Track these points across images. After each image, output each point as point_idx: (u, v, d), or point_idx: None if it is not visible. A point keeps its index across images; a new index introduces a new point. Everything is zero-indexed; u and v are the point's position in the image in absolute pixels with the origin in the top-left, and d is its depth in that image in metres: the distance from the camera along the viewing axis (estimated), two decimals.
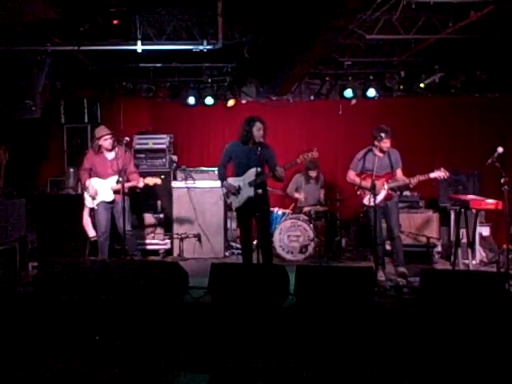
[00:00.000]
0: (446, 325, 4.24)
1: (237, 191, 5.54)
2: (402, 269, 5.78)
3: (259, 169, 5.39)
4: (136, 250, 6.48)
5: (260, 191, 5.43)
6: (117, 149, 6.13)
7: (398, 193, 6.17)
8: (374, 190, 5.53)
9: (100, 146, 6.15)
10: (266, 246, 5.60)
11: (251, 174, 5.45)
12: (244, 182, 5.53)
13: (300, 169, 7.72)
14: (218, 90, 8.49)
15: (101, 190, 6.15)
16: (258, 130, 5.42)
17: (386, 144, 5.88)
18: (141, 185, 6.11)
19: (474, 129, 8.35)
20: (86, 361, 3.90)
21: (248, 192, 5.47)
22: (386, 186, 5.87)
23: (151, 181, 6.08)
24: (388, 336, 4.19)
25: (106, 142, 6.11)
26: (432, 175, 5.72)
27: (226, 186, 5.60)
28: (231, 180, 5.61)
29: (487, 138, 7.87)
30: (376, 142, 5.91)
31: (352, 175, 6.10)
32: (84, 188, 6.26)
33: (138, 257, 6.40)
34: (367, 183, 5.77)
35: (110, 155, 6.18)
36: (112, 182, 6.04)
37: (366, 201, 5.94)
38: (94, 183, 6.18)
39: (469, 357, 3.85)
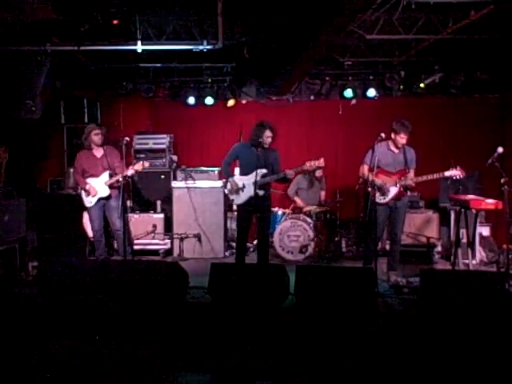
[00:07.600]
0: (446, 325, 4.24)
1: (240, 189, 5.79)
2: (394, 277, 5.76)
3: (264, 170, 5.70)
4: (129, 251, 6.41)
5: (262, 192, 5.71)
6: (105, 147, 6.33)
7: (409, 193, 6.04)
8: (375, 186, 5.51)
9: (90, 143, 6.35)
10: (262, 248, 5.90)
11: (257, 174, 5.68)
12: (249, 182, 5.75)
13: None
14: (218, 90, 8.49)
15: (97, 187, 6.33)
16: (266, 138, 5.71)
17: (402, 139, 5.69)
18: (130, 173, 6.17)
19: (474, 129, 8.34)
20: (86, 361, 3.90)
21: (251, 191, 5.70)
22: (397, 184, 5.72)
23: (139, 166, 6.19)
24: (388, 336, 4.19)
25: (97, 136, 6.33)
26: (447, 173, 5.58)
27: (230, 182, 5.86)
28: (236, 178, 5.88)
29: (487, 138, 7.86)
30: (393, 135, 5.74)
31: (364, 169, 5.85)
32: (85, 190, 6.36)
33: (128, 257, 6.30)
34: (380, 180, 5.64)
35: (99, 153, 6.38)
36: (105, 177, 6.30)
37: (376, 198, 5.63)
38: (91, 183, 6.33)
39: (469, 356, 3.85)
